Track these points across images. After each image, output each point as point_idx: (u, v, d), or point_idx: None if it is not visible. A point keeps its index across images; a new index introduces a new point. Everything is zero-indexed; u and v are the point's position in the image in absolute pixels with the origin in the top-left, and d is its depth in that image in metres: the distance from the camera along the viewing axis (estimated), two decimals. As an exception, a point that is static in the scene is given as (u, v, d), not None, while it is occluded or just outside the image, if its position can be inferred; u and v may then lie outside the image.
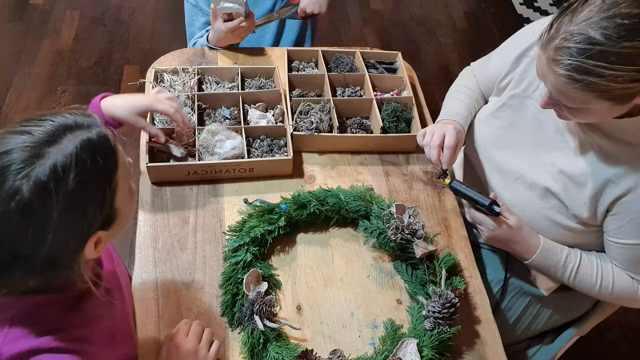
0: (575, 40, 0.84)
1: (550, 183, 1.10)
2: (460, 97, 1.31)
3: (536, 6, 3.44)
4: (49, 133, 0.70)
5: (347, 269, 1.16)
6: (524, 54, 1.15)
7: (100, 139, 0.74)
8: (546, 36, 0.89)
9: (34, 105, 2.43)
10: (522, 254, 1.14)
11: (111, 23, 2.88)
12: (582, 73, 0.85)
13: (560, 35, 0.86)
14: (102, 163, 0.73)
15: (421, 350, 0.99)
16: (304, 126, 1.32)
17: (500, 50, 1.26)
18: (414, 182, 1.33)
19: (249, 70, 1.44)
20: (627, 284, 1.09)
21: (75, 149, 0.70)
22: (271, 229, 1.13)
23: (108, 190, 0.75)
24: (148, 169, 1.19)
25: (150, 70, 1.42)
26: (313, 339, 1.05)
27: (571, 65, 0.85)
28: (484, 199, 1.10)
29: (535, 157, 1.14)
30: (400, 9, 3.32)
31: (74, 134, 0.72)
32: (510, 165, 1.18)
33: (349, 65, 1.50)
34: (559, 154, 1.09)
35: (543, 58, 0.91)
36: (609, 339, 2.02)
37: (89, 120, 0.75)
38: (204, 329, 0.97)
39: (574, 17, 0.85)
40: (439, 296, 1.04)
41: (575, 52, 0.84)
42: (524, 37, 1.17)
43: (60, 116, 0.74)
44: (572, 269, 1.11)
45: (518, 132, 1.17)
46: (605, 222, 1.07)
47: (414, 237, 1.13)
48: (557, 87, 0.90)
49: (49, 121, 0.72)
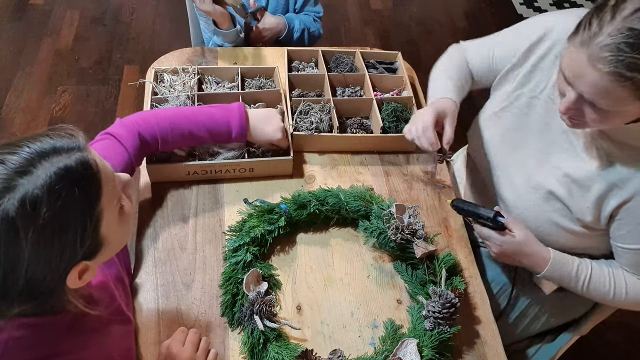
0: (626, 36, 0.80)
1: (554, 186, 1.09)
2: (450, 74, 1.26)
3: (536, 6, 3.44)
4: (22, 162, 0.64)
5: (347, 269, 1.16)
6: (532, 49, 1.12)
7: (79, 165, 0.67)
8: (586, 33, 0.85)
9: (34, 105, 2.44)
10: (533, 268, 1.11)
11: (111, 23, 2.88)
12: (633, 70, 0.81)
13: (605, 32, 0.82)
14: (81, 192, 0.67)
15: (421, 350, 0.99)
16: (304, 126, 1.32)
17: (503, 40, 1.22)
18: (414, 182, 1.33)
19: (249, 70, 1.44)
20: (639, 289, 1.08)
21: (48, 180, 0.64)
22: (271, 229, 1.13)
23: (89, 220, 0.69)
24: (148, 169, 1.19)
25: (150, 70, 1.42)
26: (313, 339, 1.05)
27: (622, 62, 0.81)
28: (488, 212, 1.08)
29: (540, 159, 1.13)
30: (400, 9, 3.32)
31: (51, 161, 0.65)
32: (515, 167, 1.18)
33: (349, 65, 1.50)
34: (564, 156, 1.08)
35: (582, 56, 0.85)
36: (609, 339, 2.02)
37: (70, 144, 0.68)
38: (200, 337, 0.96)
39: (616, 13, 0.82)
40: (439, 296, 1.04)
41: (626, 47, 0.80)
42: (531, 30, 1.13)
43: (39, 140, 0.67)
44: (585, 278, 1.09)
45: (523, 133, 1.16)
46: (612, 229, 1.06)
47: (414, 237, 1.13)
48: (599, 86, 0.85)
49: (25, 147, 0.65)
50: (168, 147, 1.14)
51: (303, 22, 1.73)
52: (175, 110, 1.17)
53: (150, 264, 1.10)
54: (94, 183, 0.70)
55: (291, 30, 1.70)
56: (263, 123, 1.20)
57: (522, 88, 1.15)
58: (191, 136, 1.13)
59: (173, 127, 1.11)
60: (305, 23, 1.74)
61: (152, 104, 1.30)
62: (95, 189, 0.70)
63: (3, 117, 2.37)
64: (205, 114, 1.15)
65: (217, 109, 1.17)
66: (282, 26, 1.68)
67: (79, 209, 0.67)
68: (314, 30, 1.77)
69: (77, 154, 0.68)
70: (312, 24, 1.76)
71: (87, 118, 2.44)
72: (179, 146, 1.18)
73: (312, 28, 1.76)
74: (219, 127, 1.15)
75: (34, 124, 2.37)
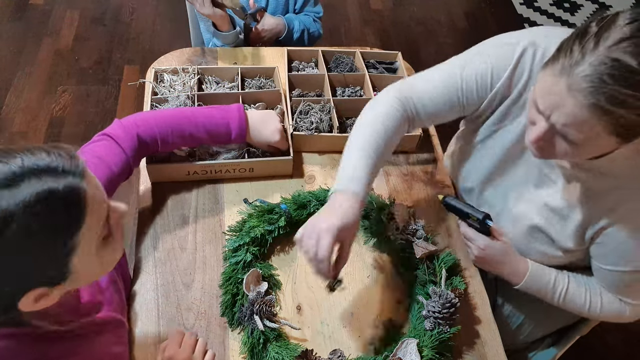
0: (610, 67, 0.74)
1: (535, 218, 1.09)
2: (372, 143, 1.02)
3: (536, 6, 3.44)
4: (9, 174, 0.61)
5: (347, 269, 1.15)
6: (498, 87, 1.04)
7: (66, 192, 0.64)
8: (567, 61, 0.79)
9: (34, 105, 2.44)
10: (510, 278, 1.12)
11: (111, 23, 2.88)
12: (614, 104, 0.75)
13: (587, 61, 0.76)
14: (58, 220, 0.64)
15: (421, 350, 0.99)
16: (304, 126, 1.32)
17: (466, 86, 1.06)
18: (414, 182, 1.33)
19: (249, 70, 1.44)
20: (615, 304, 1.09)
21: (28, 198, 0.61)
22: (271, 229, 1.13)
23: (60, 249, 0.65)
24: (148, 169, 1.19)
25: (150, 70, 1.42)
26: (313, 339, 1.05)
27: (604, 94, 0.75)
28: (478, 212, 1.08)
29: (520, 191, 1.12)
30: (400, 9, 3.32)
31: (40, 179, 0.62)
32: (495, 198, 1.17)
33: (349, 65, 1.50)
34: (543, 186, 1.07)
35: (561, 85, 0.79)
36: (608, 341, 2.02)
37: (65, 166, 0.65)
38: (197, 338, 0.96)
39: (600, 41, 0.76)
40: (439, 296, 1.04)
41: (609, 79, 0.75)
42: (507, 57, 1.02)
43: (35, 155, 0.64)
44: (561, 292, 1.10)
45: (502, 164, 1.13)
46: (592, 248, 1.06)
47: (414, 237, 1.13)
48: (576, 118, 0.79)
49: (19, 159, 0.63)
50: (168, 148, 1.14)
51: (303, 23, 1.73)
52: (175, 111, 1.16)
53: (150, 264, 1.10)
54: (76, 213, 0.66)
55: (291, 30, 1.70)
56: (260, 125, 1.20)
57: (499, 123, 1.10)
58: (191, 137, 1.13)
59: (173, 128, 1.11)
60: (305, 23, 1.74)
61: (152, 104, 1.30)
62: (75, 219, 0.66)
63: (3, 117, 2.37)
64: (204, 115, 1.15)
65: (217, 110, 1.17)
66: (282, 27, 1.68)
67: (51, 237, 0.64)
68: (313, 31, 1.77)
69: (69, 179, 0.65)
70: (312, 25, 1.77)
71: (87, 118, 2.44)
72: (179, 147, 1.18)
73: (312, 28, 1.76)
74: (219, 129, 1.15)
75: (34, 124, 2.37)
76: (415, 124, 1.11)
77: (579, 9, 3.46)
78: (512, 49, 1.01)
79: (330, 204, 0.94)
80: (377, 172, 1.02)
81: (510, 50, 1.01)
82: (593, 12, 3.44)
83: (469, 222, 1.11)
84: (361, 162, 0.98)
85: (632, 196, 0.94)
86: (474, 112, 1.10)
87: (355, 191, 0.94)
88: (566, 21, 3.35)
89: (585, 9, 3.46)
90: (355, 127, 1.06)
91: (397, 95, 1.08)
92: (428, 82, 1.09)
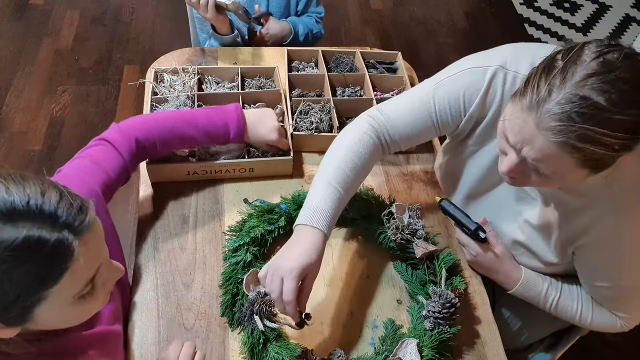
0: (577, 105, 0.74)
1: (518, 235, 1.11)
2: (337, 178, 1.00)
3: (536, 6, 3.44)
4: (11, 208, 0.60)
5: (347, 269, 1.15)
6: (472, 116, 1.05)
7: (55, 246, 0.61)
8: (534, 97, 0.78)
9: (34, 105, 2.44)
10: (502, 284, 1.15)
11: (111, 23, 2.89)
12: (584, 141, 0.75)
13: (555, 99, 0.75)
14: (37, 270, 0.61)
15: (421, 350, 0.99)
16: (304, 126, 1.32)
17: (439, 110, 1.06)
18: (414, 182, 1.33)
19: (249, 70, 1.44)
20: (605, 316, 1.10)
21: (13, 239, 0.59)
22: (271, 229, 1.13)
23: (27, 297, 0.63)
24: (148, 169, 1.19)
25: (150, 70, 1.42)
26: (313, 339, 1.05)
27: (574, 133, 0.74)
28: (471, 223, 1.11)
29: (502, 206, 1.13)
30: (400, 9, 3.32)
31: (34, 224, 0.60)
32: (479, 213, 1.17)
33: (349, 65, 1.50)
34: (524, 204, 1.08)
35: (530, 122, 0.79)
36: (609, 339, 2.02)
37: (68, 219, 0.63)
38: (195, 350, 0.93)
39: (566, 77, 0.75)
40: (439, 296, 1.04)
41: (579, 118, 0.74)
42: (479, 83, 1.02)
43: (45, 197, 0.62)
44: (553, 300, 1.11)
45: (484, 182, 1.15)
46: (574, 263, 1.07)
47: (414, 237, 1.13)
48: (547, 154, 0.80)
49: (27, 195, 0.61)
50: (167, 151, 1.14)
51: (306, 26, 1.73)
52: (174, 113, 1.16)
53: (150, 264, 1.10)
54: (56, 270, 0.63)
55: (296, 33, 1.70)
56: (257, 123, 1.20)
57: (478, 144, 1.10)
58: (191, 139, 1.13)
59: (173, 132, 1.11)
60: (308, 26, 1.74)
61: (152, 104, 1.30)
62: (52, 275, 0.63)
63: (3, 117, 2.37)
64: (204, 117, 1.14)
65: (215, 111, 1.17)
66: (287, 32, 1.68)
67: (23, 282, 0.62)
68: (316, 32, 1.77)
69: (64, 234, 0.62)
70: (315, 26, 1.77)
71: (87, 118, 2.44)
72: (178, 149, 1.18)
73: (315, 30, 1.76)
74: (217, 129, 1.15)
75: (34, 124, 2.37)
76: (390, 149, 1.11)
77: (579, 9, 3.45)
78: (482, 72, 1.01)
79: (295, 238, 0.95)
80: (345, 204, 1.01)
81: (481, 73, 1.01)
82: (593, 12, 3.44)
83: (463, 229, 1.14)
84: (328, 195, 0.97)
85: (603, 217, 0.95)
86: (453, 132, 1.11)
87: (320, 227, 0.94)
88: (566, 21, 3.35)
89: (585, 9, 3.45)
90: (327, 154, 1.06)
91: (370, 122, 1.08)
92: (401, 108, 1.09)
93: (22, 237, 0.59)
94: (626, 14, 3.45)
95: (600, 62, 0.75)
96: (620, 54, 0.75)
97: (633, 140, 0.76)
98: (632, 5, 3.53)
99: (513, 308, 1.31)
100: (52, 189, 0.64)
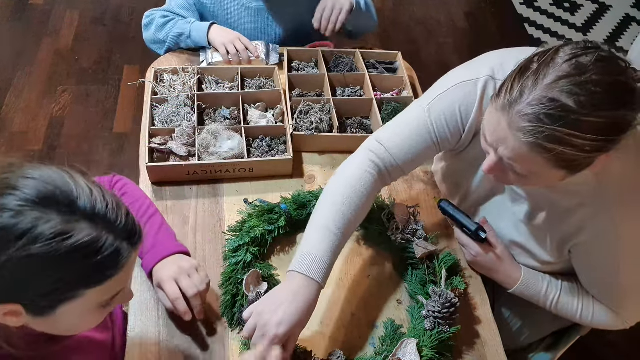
0: (546, 107, 0.75)
1: (514, 233, 1.11)
2: (336, 221, 0.97)
3: (536, 6, 3.44)
4: (92, 208, 0.66)
5: (347, 269, 1.15)
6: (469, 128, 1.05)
7: (112, 253, 0.67)
8: (507, 98, 0.80)
9: (34, 105, 2.44)
10: (503, 284, 1.15)
11: (111, 23, 2.88)
12: (553, 142, 0.77)
13: (525, 100, 0.77)
14: (87, 270, 0.66)
15: (421, 350, 0.99)
16: (304, 126, 1.32)
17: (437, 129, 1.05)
18: (414, 182, 1.33)
19: (249, 70, 1.44)
20: (607, 313, 1.10)
21: (83, 236, 0.64)
22: (271, 229, 1.13)
23: (66, 290, 0.67)
24: (148, 169, 1.19)
25: (150, 70, 1.42)
26: (313, 339, 1.04)
27: (543, 134, 0.76)
28: (471, 224, 1.11)
29: (499, 207, 1.13)
30: (400, 9, 3.32)
31: (105, 228, 0.66)
32: (477, 214, 1.18)
33: (349, 65, 1.50)
34: (518, 204, 1.09)
35: (503, 121, 0.81)
36: (610, 339, 2.01)
37: (131, 231, 0.69)
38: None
39: (538, 79, 0.77)
40: (439, 296, 1.04)
41: (547, 119, 0.76)
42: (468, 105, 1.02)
43: (118, 207, 0.68)
44: (554, 298, 1.11)
45: (483, 186, 1.15)
46: (572, 261, 1.08)
47: (414, 237, 1.13)
48: (519, 153, 0.82)
49: (106, 197, 0.67)
50: None
51: None
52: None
53: (150, 264, 1.10)
54: (105, 273, 0.68)
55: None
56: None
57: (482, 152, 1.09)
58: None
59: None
60: None
61: (152, 104, 1.30)
62: (99, 277, 0.68)
63: (3, 117, 2.37)
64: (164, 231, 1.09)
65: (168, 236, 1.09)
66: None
67: (69, 276, 0.66)
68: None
69: (123, 245, 0.68)
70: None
71: (87, 118, 2.44)
72: None
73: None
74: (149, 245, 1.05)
75: (34, 124, 2.37)
76: (392, 177, 1.09)
77: (579, 9, 3.45)
78: (473, 84, 1.01)
79: (289, 287, 0.91)
80: (342, 248, 0.99)
81: (473, 86, 1.01)
82: (593, 12, 3.44)
83: (463, 230, 1.14)
84: (327, 243, 0.94)
85: (596, 215, 0.96)
86: (454, 147, 1.10)
87: (317, 279, 0.91)
88: (566, 21, 3.35)
89: (585, 9, 3.45)
90: (327, 192, 1.02)
91: (370, 157, 1.05)
92: (398, 133, 1.07)
93: (93, 236, 0.65)
94: (626, 14, 3.45)
95: (572, 64, 0.76)
96: (593, 57, 0.76)
97: (606, 142, 0.78)
98: (632, 5, 3.53)
99: (513, 308, 1.31)
100: (123, 204, 0.71)
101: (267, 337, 0.86)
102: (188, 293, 0.96)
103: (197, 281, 0.97)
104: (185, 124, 1.27)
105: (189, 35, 1.49)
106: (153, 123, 1.28)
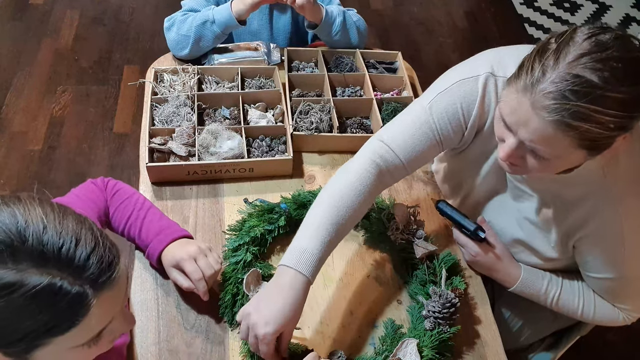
0: (571, 83, 0.75)
1: (517, 230, 1.11)
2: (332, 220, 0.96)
3: (536, 6, 3.44)
4: (41, 252, 0.59)
5: (347, 269, 1.15)
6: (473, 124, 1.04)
7: (71, 300, 0.60)
8: (528, 79, 0.79)
9: (34, 105, 2.44)
10: (502, 283, 1.15)
11: (111, 23, 2.88)
12: (578, 119, 0.76)
13: (549, 78, 0.77)
14: (47, 320, 0.60)
15: (421, 350, 0.99)
16: (304, 126, 1.32)
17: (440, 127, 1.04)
18: (414, 182, 1.33)
19: (249, 70, 1.44)
20: (608, 309, 1.10)
21: (32, 286, 0.58)
22: (271, 229, 1.13)
23: (31, 340, 0.62)
24: (148, 169, 1.19)
25: (150, 70, 1.42)
26: (313, 339, 1.05)
27: (568, 111, 0.76)
28: (470, 224, 1.10)
29: (501, 205, 1.13)
30: (400, 9, 3.32)
31: (59, 272, 0.59)
32: (478, 213, 1.18)
33: (349, 65, 1.50)
34: (521, 200, 1.08)
35: (525, 102, 0.80)
36: (609, 339, 2.02)
37: (94, 272, 0.61)
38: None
39: (559, 57, 0.77)
40: (439, 296, 1.04)
41: (571, 95, 0.75)
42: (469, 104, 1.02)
43: (77, 245, 0.61)
44: (554, 296, 1.11)
45: (485, 185, 1.15)
46: (575, 256, 1.08)
47: (414, 237, 1.13)
48: (543, 134, 0.80)
49: (63, 232, 0.60)
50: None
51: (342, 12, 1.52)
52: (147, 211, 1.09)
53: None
54: (66, 322, 0.62)
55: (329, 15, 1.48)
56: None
57: (484, 151, 1.11)
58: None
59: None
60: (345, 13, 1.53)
61: (152, 104, 1.30)
62: (62, 326, 0.62)
63: (3, 117, 2.37)
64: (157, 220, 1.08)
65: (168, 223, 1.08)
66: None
67: (30, 327, 0.60)
68: (357, 20, 1.57)
69: (84, 289, 0.61)
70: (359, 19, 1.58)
71: (87, 118, 2.44)
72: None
73: (355, 18, 1.57)
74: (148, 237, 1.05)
75: (34, 124, 2.37)
76: (395, 178, 1.08)
77: (579, 9, 3.45)
78: (474, 81, 1.01)
79: (276, 283, 0.92)
80: (336, 245, 0.98)
81: (473, 83, 1.01)
82: (593, 12, 3.44)
83: (461, 230, 1.14)
84: (319, 238, 0.93)
85: (601, 208, 0.96)
86: (457, 144, 1.10)
87: (305, 273, 0.91)
88: (566, 21, 3.35)
89: (585, 9, 3.45)
90: (323, 189, 1.02)
91: (373, 158, 1.04)
92: (400, 132, 1.06)
93: (44, 284, 0.58)
94: (626, 14, 3.45)
95: (592, 42, 0.77)
96: (611, 35, 0.77)
97: (629, 118, 0.78)
98: (632, 5, 3.53)
99: (513, 308, 1.31)
100: (88, 236, 0.62)
101: (258, 338, 0.88)
102: (206, 272, 0.98)
103: (212, 261, 1.00)
104: (185, 124, 1.27)
105: (213, 20, 1.41)
106: (153, 123, 1.28)
